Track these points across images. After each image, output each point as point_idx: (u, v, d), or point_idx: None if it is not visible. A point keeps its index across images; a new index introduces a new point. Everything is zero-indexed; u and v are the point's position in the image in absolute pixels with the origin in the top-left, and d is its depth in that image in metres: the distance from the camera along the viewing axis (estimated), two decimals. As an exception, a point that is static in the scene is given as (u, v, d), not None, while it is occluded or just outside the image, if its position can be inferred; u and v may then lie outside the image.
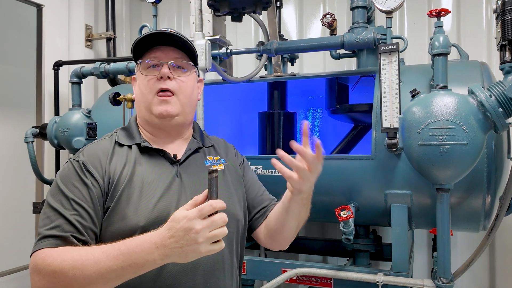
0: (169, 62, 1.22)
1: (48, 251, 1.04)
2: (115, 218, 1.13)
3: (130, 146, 1.24)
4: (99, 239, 1.14)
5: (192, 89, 1.28)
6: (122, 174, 1.17)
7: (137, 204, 1.14)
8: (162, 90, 1.21)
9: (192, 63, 1.28)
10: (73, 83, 2.58)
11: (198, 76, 1.34)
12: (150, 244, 0.97)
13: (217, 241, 0.98)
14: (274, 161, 1.10)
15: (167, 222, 0.99)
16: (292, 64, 2.78)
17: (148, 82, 1.22)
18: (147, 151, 1.24)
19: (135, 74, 1.32)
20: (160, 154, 1.25)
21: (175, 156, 1.25)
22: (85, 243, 1.09)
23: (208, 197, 0.99)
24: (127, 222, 1.12)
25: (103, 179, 1.16)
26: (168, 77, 1.21)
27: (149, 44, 1.24)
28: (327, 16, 2.22)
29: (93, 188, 1.13)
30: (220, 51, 2.12)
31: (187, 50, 1.27)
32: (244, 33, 3.43)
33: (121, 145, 1.24)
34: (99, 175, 1.16)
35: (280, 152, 1.09)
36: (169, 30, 1.24)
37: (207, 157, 1.33)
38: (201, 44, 1.85)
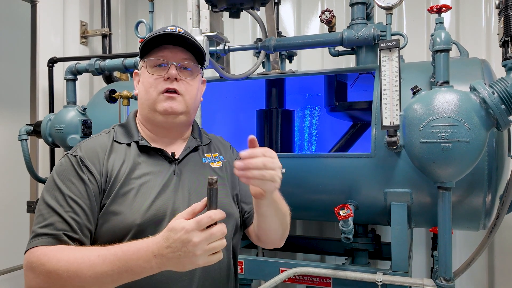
0: (176, 63, 1.20)
1: (43, 250, 1.02)
2: (111, 216, 1.12)
3: (128, 144, 1.23)
4: (95, 236, 1.12)
5: (197, 91, 1.28)
6: (120, 171, 1.16)
7: (134, 202, 1.12)
8: (169, 90, 1.20)
9: (199, 66, 1.27)
10: (67, 80, 2.54)
11: (202, 77, 1.32)
12: (147, 252, 0.96)
13: (215, 252, 0.96)
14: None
15: (164, 231, 0.97)
16: (290, 62, 2.76)
17: (154, 81, 1.20)
18: (145, 149, 1.22)
19: (137, 70, 1.30)
20: (158, 152, 1.23)
21: (173, 154, 1.24)
22: (78, 241, 1.07)
23: (207, 207, 0.97)
24: (123, 220, 1.10)
25: (101, 175, 1.14)
26: (175, 79, 1.20)
27: (157, 42, 1.22)
28: (326, 12, 2.20)
29: (90, 184, 1.12)
30: (218, 47, 2.09)
31: (194, 51, 1.26)
32: (241, 30, 3.40)
33: (119, 142, 1.23)
34: (96, 171, 1.14)
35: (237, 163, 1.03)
36: (177, 28, 1.22)
37: (205, 154, 1.32)
38: (198, 41, 1.82)
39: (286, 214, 1.26)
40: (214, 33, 2.02)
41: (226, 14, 2.04)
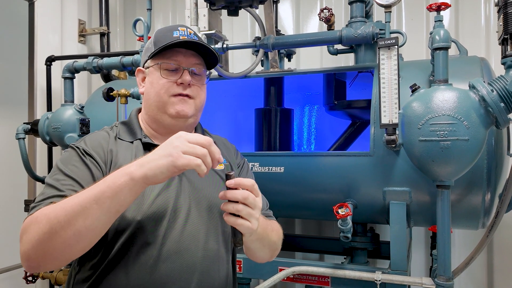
0: (190, 69, 1.22)
1: (35, 212, 1.01)
2: None
3: (131, 142, 1.24)
4: None
5: (205, 94, 1.30)
6: (124, 164, 1.15)
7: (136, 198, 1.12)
8: (181, 95, 1.22)
9: (207, 71, 1.29)
10: (65, 78, 2.53)
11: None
12: (132, 162, 0.99)
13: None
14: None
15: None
16: (289, 60, 2.75)
17: (166, 84, 1.21)
18: (148, 147, 1.23)
19: (141, 67, 1.30)
20: None
21: None
22: None
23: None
24: (123, 215, 1.10)
25: (105, 164, 1.15)
26: (188, 84, 1.22)
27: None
28: (325, 10, 2.19)
29: (94, 168, 1.12)
30: (216, 46, 2.08)
31: (204, 55, 1.27)
32: (240, 28, 3.39)
33: (122, 139, 1.24)
34: (101, 159, 1.15)
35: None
36: (188, 29, 1.24)
37: None
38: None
39: (277, 241, 1.26)
40: (213, 31, 2.01)
41: (224, 12, 2.03)
